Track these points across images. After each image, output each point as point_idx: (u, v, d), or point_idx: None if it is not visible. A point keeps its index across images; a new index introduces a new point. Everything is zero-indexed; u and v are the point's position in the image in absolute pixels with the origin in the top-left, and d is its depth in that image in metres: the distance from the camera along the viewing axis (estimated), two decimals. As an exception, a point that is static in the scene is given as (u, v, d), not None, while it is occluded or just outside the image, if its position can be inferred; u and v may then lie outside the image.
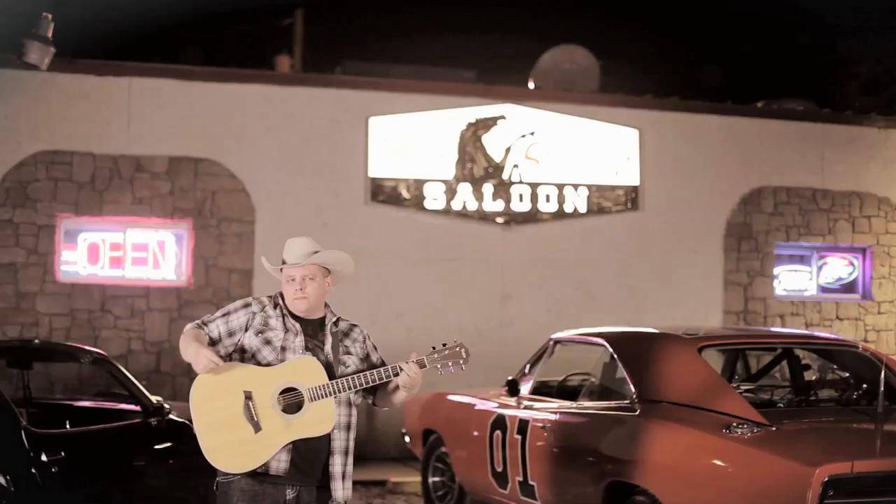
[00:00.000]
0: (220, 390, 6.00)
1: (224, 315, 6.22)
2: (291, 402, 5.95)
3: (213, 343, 6.12)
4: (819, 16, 30.40)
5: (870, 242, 17.94)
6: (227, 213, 15.16)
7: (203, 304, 14.80)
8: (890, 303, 17.98)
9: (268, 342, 6.12)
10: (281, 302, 6.23)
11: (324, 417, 5.93)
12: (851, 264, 18.09)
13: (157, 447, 9.13)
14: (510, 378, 9.98)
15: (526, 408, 9.66)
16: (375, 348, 6.36)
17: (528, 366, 10.27)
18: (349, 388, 5.94)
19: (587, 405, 9.07)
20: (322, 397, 5.91)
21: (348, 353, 6.18)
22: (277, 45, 21.76)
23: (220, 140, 15.25)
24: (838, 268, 18.09)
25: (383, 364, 6.23)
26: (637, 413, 8.24)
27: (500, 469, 9.80)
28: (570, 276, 16.37)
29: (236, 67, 16.33)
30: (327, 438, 6.02)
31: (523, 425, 9.46)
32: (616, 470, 8.12)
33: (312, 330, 6.19)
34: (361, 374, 5.97)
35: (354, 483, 6.37)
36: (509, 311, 16.08)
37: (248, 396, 5.96)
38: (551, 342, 10.16)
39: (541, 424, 9.20)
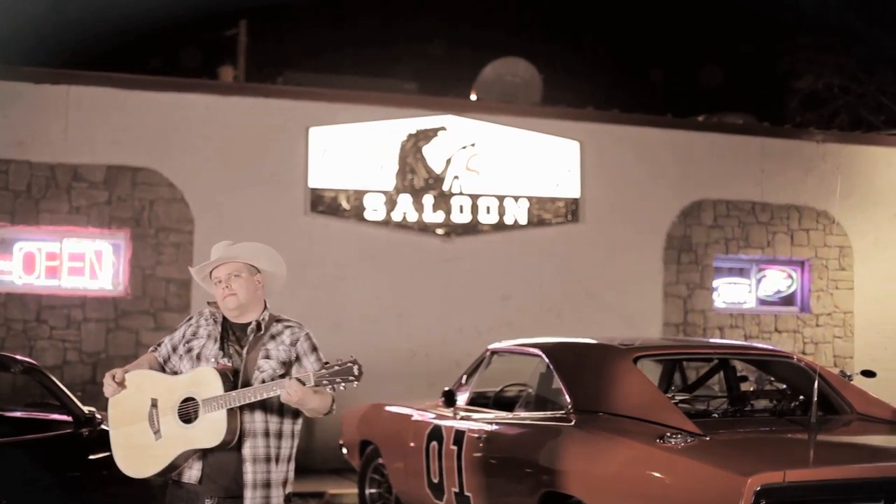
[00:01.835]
0: (131, 397, 6.11)
1: (172, 333, 6.34)
2: (188, 411, 5.95)
3: (166, 361, 6.24)
4: (762, 32, 30.64)
5: (808, 255, 18.06)
6: (166, 222, 15.04)
7: (140, 315, 14.69)
8: (828, 315, 18.11)
9: (189, 351, 6.15)
10: (216, 309, 6.21)
11: (215, 429, 5.88)
12: (790, 277, 18.21)
13: (90, 458, 9.03)
14: (446, 389, 9.93)
15: (462, 418, 9.62)
16: (313, 351, 6.21)
17: (464, 376, 10.24)
18: (238, 402, 5.86)
19: (523, 416, 9.05)
20: (215, 409, 5.87)
21: (267, 357, 6.09)
22: (221, 56, 21.70)
23: (159, 149, 15.12)
24: (777, 280, 18.21)
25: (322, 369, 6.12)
26: (572, 423, 8.22)
27: (436, 480, 9.75)
28: (509, 287, 16.36)
29: (177, 77, 16.23)
30: (238, 446, 5.96)
31: (459, 436, 9.41)
32: (550, 480, 8.09)
33: (238, 334, 6.15)
34: (248, 388, 5.89)
35: (292, 495, 6.28)
36: (450, 323, 16.04)
37: (154, 404, 6.04)
38: (488, 353, 10.14)
39: (476, 435, 9.16)
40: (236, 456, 5.97)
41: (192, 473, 5.98)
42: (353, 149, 15.83)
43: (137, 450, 6.07)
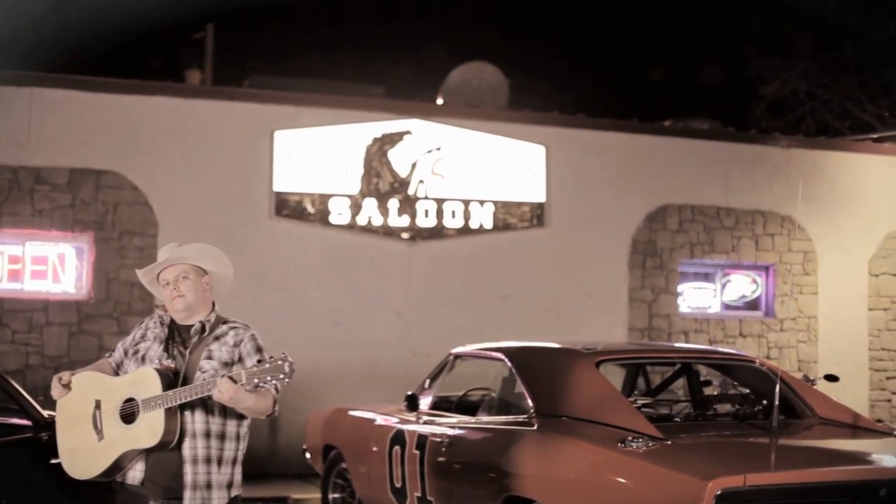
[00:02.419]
0: (76, 399, 6.15)
1: (125, 338, 6.39)
2: (129, 412, 5.96)
3: (119, 365, 6.29)
4: (730, 39, 30.75)
5: (773, 260, 18.13)
6: (129, 226, 14.95)
7: (103, 319, 14.61)
8: (792, 320, 18.17)
9: (136, 353, 6.19)
10: (163, 312, 6.22)
11: (153, 429, 5.89)
12: (755, 282, 18.28)
13: (51, 462, 8.95)
14: (409, 393, 9.90)
15: (425, 423, 9.60)
16: (257, 352, 6.17)
17: (427, 380, 10.23)
18: (175, 402, 5.85)
19: (485, 420, 9.03)
20: (153, 408, 5.86)
21: (210, 358, 6.08)
22: (189, 60, 21.64)
23: (123, 152, 15.03)
24: (742, 285, 18.27)
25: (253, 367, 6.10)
26: (534, 428, 8.21)
27: (399, 485, 9.72)
28: (474, 291, 16.35)
29: (142, 80, 16.16)
30: (178, 447, 5.96)
31: (422, 440, 9.39)
32: (513, 485, 8.08)
33: (183, 336, 6.15)
34: (184, 387, 5.89)
35: (255, 500, 6.27)
36: (415, 327, 16.02)
37: (97, 405, 6.08)
38: (451, 356, 10.12)
39: (439, 439, 9.15)
40: (177, 456, 5.96)
41: (135, 475, 6.01)
42: (318, 152, 15.79)
43: (81, 451, 6.11)
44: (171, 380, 5.95)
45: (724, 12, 31.27)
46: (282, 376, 5.76)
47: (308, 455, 12.17)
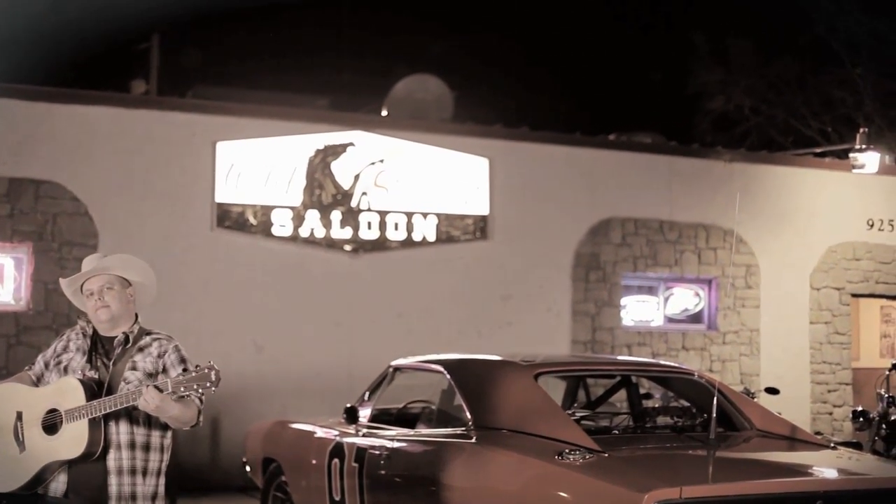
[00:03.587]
0: None
1: (46, 350, 6.32)
2: (51, 423, 5.90)
3: (39, 378, 6.22)
4: (676, 53, 30.91)
5: (715, 274, 18.21)
6: (69, 236, 14.81)
7: (42, 330, 14.46)
8: (735, 333, 18.26)
9: (58, 364, 6.15)
10: (86, 323, 6.17)
11: (77, 439, 5.84)
12: (697, 295, 18.35)
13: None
14: (349, 405, 9.85)
15: (364, 435, 9.55)
16: (181, 363, 6.14)
17: (367, 393, 10.19)
18: (99, 412, 5.81)
19: (425, 433, 9.00)
20: (77, 419, 5.81)
21: (134, 368, 6.04)
22: (134, 70, 21.53)
23: (63, 162, 14.90)
24: (684, 298, 18.35)
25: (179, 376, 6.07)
26: (472, 440, 8.18)
27: (338, 498, 9.65)
28: (417, 304, 16.32)
29: (83, 89, 16.03)
30: (103, 458, 5.91)
31: (361, 453, 9.33)
32: (451, 497, 8.04)
33: (106, 347, 6.11)
34: (109, 397, 5.85)
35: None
36: (352, 340, 15.94)
37: (19, 416, 5.99)
38: (391, 369, 10.08)
39: (378, 452, 9.09)
40: (102, 468, 5.91)
41: (58, 486, 5.94)
42: (260, 164, 15.71)
43: (1, 464, 6.01)
44: (96, 390, 5.90)
45: (670, 27, 31.47)
46: (208, 385, 5.73)
47: (248, 468, 12.06)
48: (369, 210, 16.17)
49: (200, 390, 5.74)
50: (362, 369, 15.06)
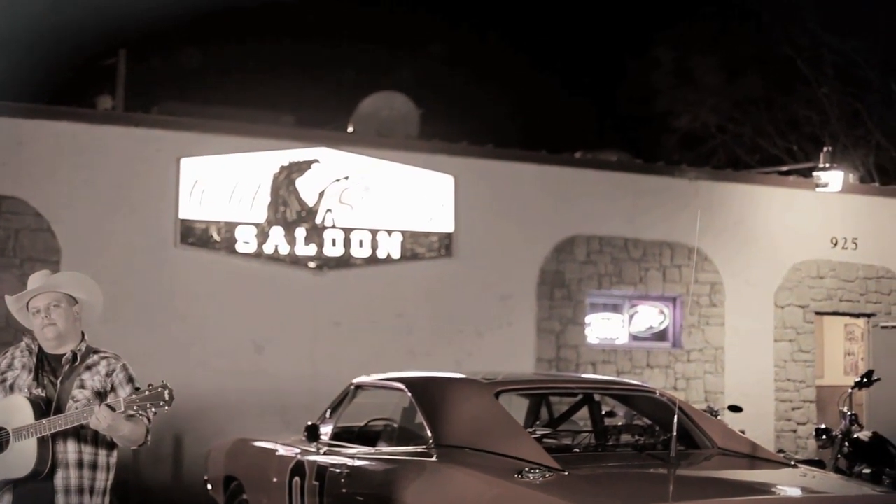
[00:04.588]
0: None
1: None
2: None
3: None
4: (643, 72, 31.04)
5: (680, 291, 18.23)
6: (31, 252, 14.69)
7: (4, 347, 14.30)
8: (699, 351, 18.27)
9: (3, 382, 6.12)
10: (31, 340, 6.13)
11: (24, 458, 5.81)
12: (662, 313, 18.37)
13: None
14: (310, 423, 9.82)
15: (325, 454, 9.52)
16: (129, 382, 6.11)
17: (328, 411, 10.16)
18: (48, 431, 5.77)
19: (385, 451, 8.99)
20: (25, 438, 5.77)
21: (82, 387, 6.01)
22: (100, 85, 21.42)
23: (25, 178, 14.77)
24: (649, 316, 18.35)
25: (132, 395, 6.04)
26: (433, 459, 8.16)
27: (299, 516, 9.63)
28: (382, 321, 16.26)
29: (48, 104, 15.95)
30: (50, 477, 5.87)
31: (322, 471, 9.30)
32: (411, 516, 8.02)
33: (53, 365, 6.06)
34: (59, 416, 5.83)
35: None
36: (316, 357, 15.87)
37: None
38: (352, 387, 10.07)
39: (338, 470, 9.06)
40: (49, 486, 5.87)
41: None
42: (224, 180, 15.63)
43: None
44: (43, 409, 5.86)
45: (637, 45, 31.60)
46: (161, 403, 5.72)
47: (209, 486, 12.03)
48: (334, 227, 16.11)
49: (153, 409, 5.72)
50: (326, 387, 15.00)
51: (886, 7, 27.89)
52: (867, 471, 12.14)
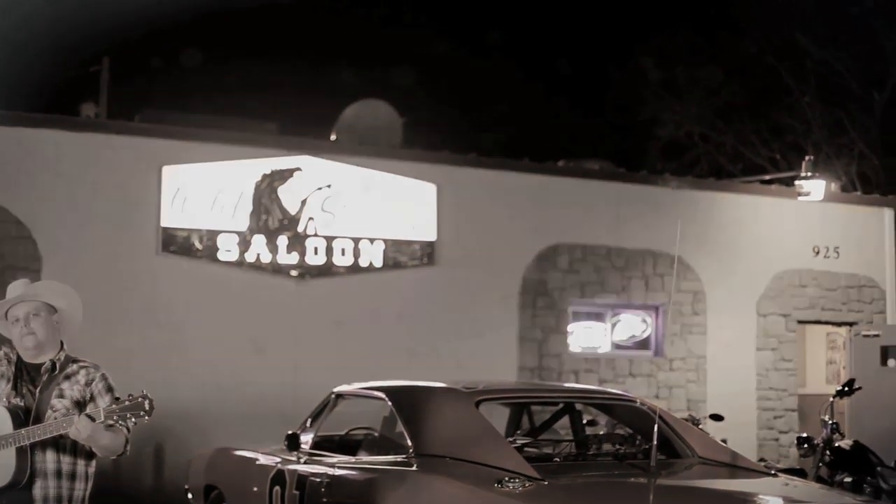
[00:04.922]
0: None
1: None
2: None
3: None
4: (627, 80, 31.10)
5: (662, 300, 18.24)
6: (12, 261, 14.62)
7: (-17, 356, 14.29)
8: (682, 360, 18.28)
9: None
10: (9, 349, 6.10)
11: (3, 468, 5.80)
12: (645, 322, 18.38)
13: None
14: (290, 432, 9.79)
15: (306, 462, 9.49)
16: (108, 391, 6.09)
17: (309, 420, 10.14)
18: (27, 440, 5.75)
19: (366, 460, 8.97)
20: (4, 447, 5.75)
21: (61, 396, 5.99)
22: (84, 93, 21.41)
23: (7, 186, 14.71)
24: (632, 325, 18.36)
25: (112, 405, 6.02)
26: (413, 468, 8.15)
27: (279, 525, 9.60)
28: (365, 330, 16.23)
29: (30, 112, 15.90)
30: (28, 487, 5.84)
31: (302, 480, 9.27)
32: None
33: (32, 374, 6.04)
34: (38, 426, 5.81)
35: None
36: (298, 366, 15.82)
37: None
38: (333, 396, 10.05)
39: (319, 479, 9.03)
40: (27, 497, 5.85)
41: None
42: (206, 188, 15.60)
43: None
44: (22, 419, 5.83)
45: (622, 54, 31.66)
46: (141, 413, 5.71)
47: (190, 495, 11.98)
48: (316, 235, 16.09)
49: (133, 420, 5.70)
50: (307, 395, 14.96)
51: (868, 17, 28.03)
52: (848, 479, 12.13)
